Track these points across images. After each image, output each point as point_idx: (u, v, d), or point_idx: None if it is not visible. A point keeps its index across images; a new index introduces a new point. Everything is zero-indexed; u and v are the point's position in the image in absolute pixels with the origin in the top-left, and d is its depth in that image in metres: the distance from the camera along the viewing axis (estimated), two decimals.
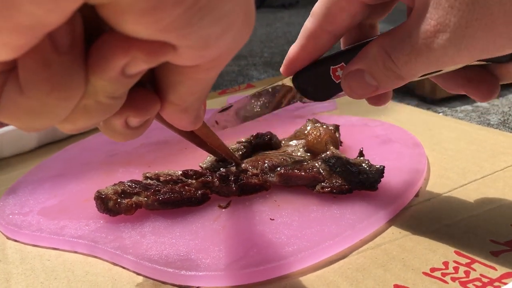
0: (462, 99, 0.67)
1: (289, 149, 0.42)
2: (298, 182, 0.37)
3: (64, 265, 0.34)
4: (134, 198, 0.36)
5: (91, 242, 0.34)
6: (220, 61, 0.19)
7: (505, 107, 0.63)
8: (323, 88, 0.32)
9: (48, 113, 0.16)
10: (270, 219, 0.34)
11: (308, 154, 0.41)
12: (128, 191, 0.36)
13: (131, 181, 0.37)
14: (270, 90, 0.36)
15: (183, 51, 0.17)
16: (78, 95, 0.17)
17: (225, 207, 0.37)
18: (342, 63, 0.31)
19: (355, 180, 0.36)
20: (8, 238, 0.38)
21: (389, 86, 0.29)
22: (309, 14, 0.31)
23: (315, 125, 0.44)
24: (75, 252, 0.35)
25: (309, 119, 0.45)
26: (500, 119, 0.59)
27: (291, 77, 0.34)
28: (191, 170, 0.38)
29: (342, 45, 0.33)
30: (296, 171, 0.37)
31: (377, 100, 0.33)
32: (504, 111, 0.61)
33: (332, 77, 0.32)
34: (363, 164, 0.37)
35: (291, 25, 1.54)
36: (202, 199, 0.37)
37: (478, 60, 0.28)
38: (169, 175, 0.38)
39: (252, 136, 0.43)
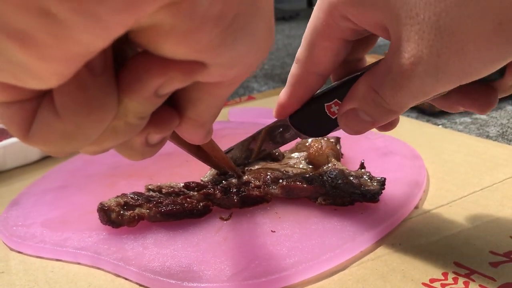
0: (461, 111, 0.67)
1: (291, 162, 0.42)
2: (300, 194, 0.37)
3: (67, 277, 0.34)
4: (137, 210, 0.36)
5: (94, 253, 0.35)
6: (241, 77, 0.19)
7: (503, 119, 0.63)
8: (320, 125, 0.33)
9: (82, 135, 0.16)
10: (271, 231, 0.35)
11: (310, 166, 0.41)
12: (131, 203, 0.37)
13: (133, 193, 0.38)
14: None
15: (213, 69, 0.17)
16: (111, 116, 0.17)
17: (226, 219, 0.37)
18: (336, 100, 0.31)
19: (356, 192, 0.36)
20: (11, 249, 0.38)
21: (385, 120, 0.29)
22: None
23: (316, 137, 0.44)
24: (78, 263, 0.35)
25: None
26: (499, 131, 0.59)
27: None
28: (193, 182, 0.39)
29: (332, 80, 0.33)
30: (298, 183, 0.37)
31: (384, 127, 0.33)
32: (503, 123, 0.62)
33: (328, 114, 0.32)
34: (364, 176, 0.38)
35: (292, 38, 1.55)
36: (203, 211, 0.37)
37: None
38: (171, 187, 0.39)
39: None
